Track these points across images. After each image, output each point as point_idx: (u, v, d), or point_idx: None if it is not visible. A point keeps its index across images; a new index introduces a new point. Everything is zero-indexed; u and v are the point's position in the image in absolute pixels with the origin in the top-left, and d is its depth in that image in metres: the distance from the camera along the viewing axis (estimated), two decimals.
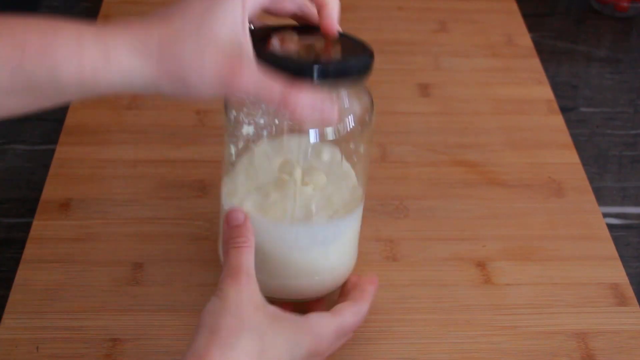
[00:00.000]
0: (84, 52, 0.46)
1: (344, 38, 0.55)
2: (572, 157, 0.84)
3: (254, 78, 0.49)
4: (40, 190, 0.76)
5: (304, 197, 0.60)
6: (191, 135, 0.83)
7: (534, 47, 1.00)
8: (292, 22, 0.56)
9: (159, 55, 0.47)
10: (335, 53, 0.54)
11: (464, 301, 0.69)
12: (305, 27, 0.56)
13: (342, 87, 0.55)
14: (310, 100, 0.50)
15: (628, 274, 0.72)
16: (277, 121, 0.57)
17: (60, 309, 0.66)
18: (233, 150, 0.61)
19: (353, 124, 0.58)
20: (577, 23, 1.07)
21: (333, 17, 0.53)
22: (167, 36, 0.48)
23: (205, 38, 0.48)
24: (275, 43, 0.52)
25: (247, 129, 0.58)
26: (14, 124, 0.76)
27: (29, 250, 0.70)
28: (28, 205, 0.75)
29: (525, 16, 1.05)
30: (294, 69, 0.50)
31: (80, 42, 0.46)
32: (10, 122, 0.56)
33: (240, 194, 0.61)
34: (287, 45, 0.53)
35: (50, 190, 0.76)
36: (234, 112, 0.58)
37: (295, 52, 0.53)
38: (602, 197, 0.80)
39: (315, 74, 0.50)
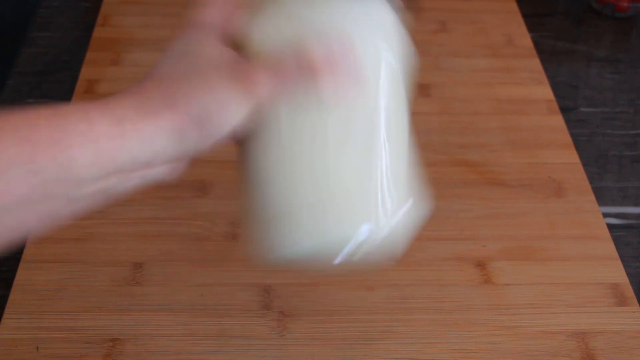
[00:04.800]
0: (96, 130, 0.41)
1: None
2: (572, 157, 0.84)
3: (266, 65, 0.46)
4: None
5: None
6: None
7: (534, 47, 1.00)
8: None
9: (167, 105, 0.43)
10: None
11: (464, 301, 0.69)
12: None
13: None
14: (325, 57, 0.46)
15: (628, 274, 0.72)
16: None
17: (60, 309, 0.66)
18: None
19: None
20: (577, 23, 1.07)
21: None
22: (163, 87, 0.44)
23: (198, 67, 0.45)
24: None
25: None
26: None
27: (29, 250, 0.70)
28: None
29: (525, 16, 1.05)
30: None
31: (89, 121, 0.41)
32: None
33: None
34: None
35: None
36: None
37: None
38: (602, 197, 0.80)
39: None
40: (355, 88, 0.48)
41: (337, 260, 0.49)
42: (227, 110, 0.44)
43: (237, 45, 0.48)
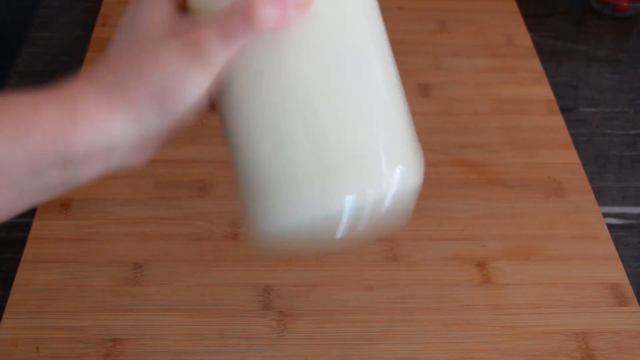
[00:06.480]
0: (45, 120, 0.40)
1: None
2: (572, 157, 0.84)
3: (211, 25, 0.43)
4: None
5: None
6: (191, 135, 0.83)
7: (534, 47, 1.00)
8: None
9: (120, 90, 0.42)
10: None
11: (464, 301, 0.69)
12: None
13: None
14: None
15: (628, 274, 0.72)
16: None
17: (60, 309, 0.66)
18: None
19: None
20: (577, 23, 1.07)
21: None
22: (114, 70, 0.43)
23: (146, 40, 0.43)
24: None
25: None
26: None
27: (29, 250, 0.70)
28: None
29: (525, 16, 1.05)
30: None
31: (37, 111, 0.40)
32: None
33: None
34: None
35: None
36: None
37: None
38: (602, 197, 0.80)
39: None
40: (300, 6, 0.43)
41: (340, 233, 0.45)
42: (184, 83, 0.42)
43: (185, 6, 0.45)
